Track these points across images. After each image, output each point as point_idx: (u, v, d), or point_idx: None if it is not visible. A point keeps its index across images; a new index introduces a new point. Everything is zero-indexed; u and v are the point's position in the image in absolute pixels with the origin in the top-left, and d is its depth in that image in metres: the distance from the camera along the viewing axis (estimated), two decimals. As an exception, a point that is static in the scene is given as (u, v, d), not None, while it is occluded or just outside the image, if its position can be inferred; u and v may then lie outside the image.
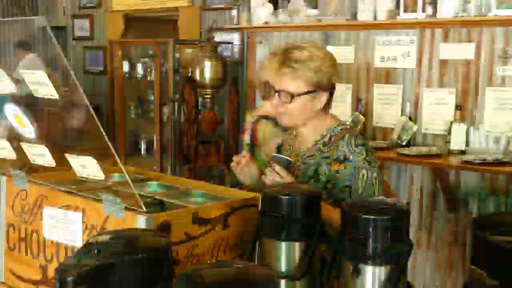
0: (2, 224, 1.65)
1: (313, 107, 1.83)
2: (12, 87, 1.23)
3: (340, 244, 1.28)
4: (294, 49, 1.80)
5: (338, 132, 1.87)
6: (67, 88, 1.83)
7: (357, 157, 1.79)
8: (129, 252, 0.94)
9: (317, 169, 1.84)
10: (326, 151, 1.85)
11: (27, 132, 1.33)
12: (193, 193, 1.67)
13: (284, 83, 1.79)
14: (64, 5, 8.56)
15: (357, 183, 1.78)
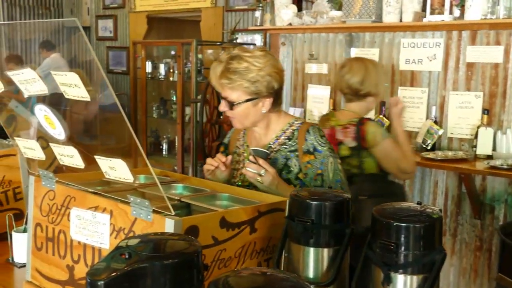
0: (30, 223, 1.66)
1: (257, 112, 1.94)
2: (44, 89, 1.23)
3: (371, 251, 1.25)
4: (233, 60, 1.87)
5: (299, 127, 1.99)
6: (90, 87, 1.84)
7: (324, 148, 1.96)
8: (160, 257, 0.93)
9: (286, 162, 1.96)
10: (292, 144, 1.97)
11: (57, 134, 1.33)
12: (219, 196, 1.66)
13: (225, 92, 1.91)
14: (88, 6, 8.65)
15: (327, 170, 1.94)
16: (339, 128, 2.61)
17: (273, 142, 2.00)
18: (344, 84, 2.64)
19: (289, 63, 4.58)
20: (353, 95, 2.64)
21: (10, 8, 8.51)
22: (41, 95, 1.26)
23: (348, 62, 2.71)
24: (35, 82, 1.23)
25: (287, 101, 4.62)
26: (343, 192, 1.43)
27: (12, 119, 1.93)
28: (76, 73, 1.08)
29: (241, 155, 2.10)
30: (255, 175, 1.82)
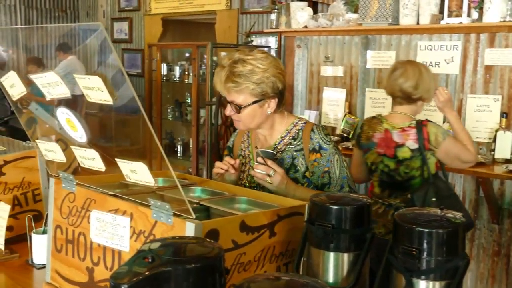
0: (50, 225, 1.67)
1: (263, 113, 1.96)
2: (66, 92, 1.24)
3: (392, 256, 1.24)
4: (237, 64, 1.89)
5: (303, 126, 2.02)
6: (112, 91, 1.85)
7: (329, 145, 1.99)
8: (183, 261, 0.93)
9: (293, 161, 1.99)
10: (298, 144, 2.00)
11: (78, 137, 1.34)
12: (238, 200, 1.66)
13: (231, 96, 1.92)
14: (104, 8, 8.72)
15: (334, 167, 1.98)
16: (397, 131, 2.63)
17: (279, 142, 2.03)
18: (397, 87, 2.64)
19: (304, 65, 4.57)
20: (405, 99, 2.66)
21: (27, 11, 8.61)
22: (64, 98, 1.27)
23: (401, 65, 2.69)
24: (57, 85, 1.24)
25: (302, 104, 4.61)
26: (364, 197, 1.42)
27: (31, 122, 1.94)
28: (99, 77, 1.08)
29: (247, 157, 2.12)
30: (264, 176, 1.85)
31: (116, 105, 1.27)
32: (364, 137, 2.76)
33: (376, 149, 2.68)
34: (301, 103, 4.61)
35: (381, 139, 2.66)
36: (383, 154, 2.66)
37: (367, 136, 2.74)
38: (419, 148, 2.57)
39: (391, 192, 2.68)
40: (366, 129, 2.76)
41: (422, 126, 2.58)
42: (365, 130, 2.76)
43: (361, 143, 2.78)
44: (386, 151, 2.65)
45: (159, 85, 5.99)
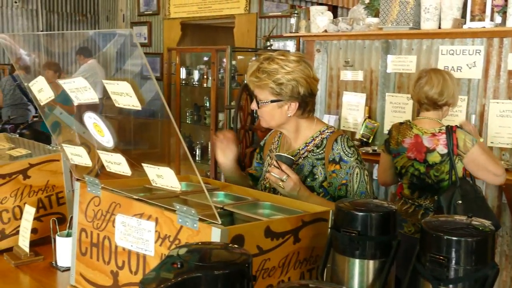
0: (75, 228, 1.68)
1: (282, 114, 1.95)
2: (94, 97, 1.25)
3: (419, 264, 1.23)
4: (266, 61, 1.91)
5: (329, 135, 1.99)
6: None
7: (350, 158, 1.94)
8: (212, 267, 0.93)
9: (312, 169, 1.97)
10: (320, 152, 1.98)
11: (105, 141, 1.35)
12: (261, 205, 1.66)
13: (255, 90, 1.96)
14: (123, 13, 8.80)
15: (352, 181, 1.93)
16: (427, 136, 2.71)
17: (302, 148, 2.02)
18: (423, 95, 2.73)
19: (324, 70, 4.56)
20: (431, 105, 2.74)
21: (49, 15, 8.73)
22: (92, 104, 1.28)
23: (426, 73, 2.78)
24: (85, 90, 1.25)
25: (322, 108, 4.60)
26: (389, 204, 1.41)
27: (56, 126, 1.96)
28: (128, 82, 1.09)
29: (273, 158, 2.10)
30: (277, 180, 1.84)
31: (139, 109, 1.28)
32: (393, 142, 2.84)
33: (407, 153, 2.77)
34: (321, 107, 4.60)
35: (412, 144, 2.75)
36: (414, 158, 2.74)
37: (397, 141, 2.81)
38: (448, 153, 2.65)
39: (421, 194, 2.77)
40: (395, 134, 2.84)
41: (452, 132, 2.65)
42: (394, 135, 2.84)
43: (391, 148, 2.85)
44: (416, 155, 2.73)
45: (178, 89, 6.02)
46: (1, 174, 1.99)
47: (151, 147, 6.45)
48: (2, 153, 2.24)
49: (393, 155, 2.84)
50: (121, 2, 8.84)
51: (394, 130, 2.87)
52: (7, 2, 8.31)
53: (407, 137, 2.76)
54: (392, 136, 2.85)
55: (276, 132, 2.18)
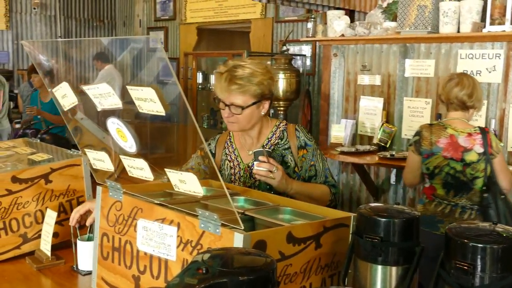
0: (97, 233, 1.69)
1: (258, 114, 2.12)
2: (118, 102, 1.26)
3: (444, 271, 1.22)
4: (237, 68, 2.04)
5: (285, 127, 2.20)
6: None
7: (312, 142, 2.20)
8: (238, 273, 0.93)
9: (283, 159, 2.17)
10: (285, 143, 2.18)
11: (128, 147, 1.36)
12: (282, 210, 1.65)
13: (233, 98, 2.04)
14: (140, 18, 8.88)
15: (318, 161, 2.19)
16: (464, 136, 2.82)
17: (266, 143, 2.19)
18: (453, 95, 2.86)
19: (341, 74, 4.55)
20: (460, 106, 2.86)
21: (67, 21, 8.84)
22: (115, 109, 1.29)
23: (457, 76, 2.93)
24: (109, 96, 1.26)
25: (339, 112, 4.58)
26: (412, 209, 1.40)
27: (77, 131, 1.98)
28: (152, 88, 1.10)
29: (234, 160, 2.23)
30: (267, 173, 1.97)
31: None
32: (426, 143, 2.90)
33: (442, 153, 2.85)
34: (337, 112, 4.59)
35: (448, 144, 2.84)
36: (450, 157, 2.83)
37: (430, 142, 2.89)
38: (484, 152, 2.78)
39: (456, 192, 2.86)
40: (427, 135, 2.91)
41: (485, 132, 2.80)
42: (427, 136, 2.91)
43: (422, 149, 2.91)
44: (453, 155, 2.82)
45: (194, 94, 6.05)
46: (24, 179, 2.01)
47: (168, 151, 6.48)
48: (24, 158, 2.26)
49: (424, 156, 2.90)
50: (138, 7, 8.92)
51: (425, 131, 2.93)
52: (26, 8, 8.43)
53: (441, 137, 2.85)
54: (424, 137, 2.91)
55: (224, 138, 2.29)
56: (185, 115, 6.33)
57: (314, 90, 5.97)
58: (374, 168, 4.38)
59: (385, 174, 4.34)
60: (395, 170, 4.23)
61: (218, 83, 2.06)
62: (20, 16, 8.39)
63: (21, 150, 2.38)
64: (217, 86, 2.08)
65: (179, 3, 8.07)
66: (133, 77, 8.91)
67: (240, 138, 2.25)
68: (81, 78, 8.08)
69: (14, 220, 2.00)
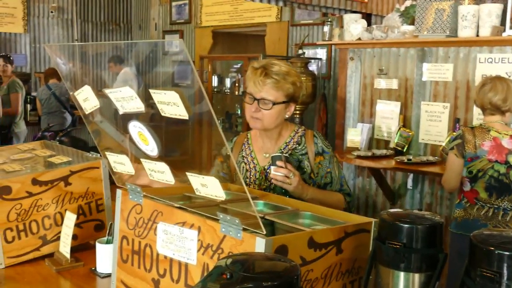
0: (116, 235, 1.70)
1: (283, 116, 2.13)
2: (140, 106, 1.27)
3: (469, 278, 1.20)
4: (273, 65, 2.07)
5: (303, 133, 2.20)
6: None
7: (329, 149, 2.21)
8: (262, 278, 0.93)
9: (299, 164, 2.15)
10: (302, 149, 2.17)
11: (149, 150, 1.36)
12: (301, 215, 1.64)
13: (266, 92, 2.05)
14: (156, 21, 8.93)
15: (334, 168, 2.19)
16: (507, 138, 2.88)
17: (284, 147, 2.19)
18: (487, 101, 2.91)
19: (357, 78, 4.52)
20: (495, 110, 2.92)
21: (83, 24, 8.92)
22: (138, 113, 1.29)
23: (490, 81, 2.96)
24: (132, 100, 1.26)
25: (355, 116, 4.56)
26: (436, 215, 1.38)
27: (97, 134, 1.99)
28: (176, 92, 1.10)
29: (250, 162, 2.23)
30: (284, 178, 1.97)
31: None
32: (470, 146, 2.92)
33: (487, 156, 2.88)
34: (354, 115, 4.56)
35: (492, 147, 2.88)
36: (495, 160, 2.87)
37: (475, 145, 2.91)
38: None
39: (499, 195, 2.91)
40: (471, 138, 2.93)
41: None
42: (470, 139, 2.93)
43: (467, 152, 2.92)
44: (497, 157, 2.87)
45: (209, 97, 6.06)
46: (44, 181, 2.03)
47: (182, 154, 6.50)
48: (44, 161, 2.28)
49: (468, 159, 2.92)
50: (154, 11, 8.97)
51: (467, 134, 2.94)
52: (43, 12, 8.52)
53: (486, 140, 2.89)
54: (468, 140, 2.92)
55: (241, 140, 2.28)
56: (201, 117, 6.34)
57: (329, 94, 5.95)
58: (390, 173, 4.34)
59: (402, 178, 4.30)
60: (412, 175, 4.19)
61: (253, 76, 2.06)
62: (38, 20, 8.48)
63: (40, 152, 2.39)
64: (249, 79, 2.08)
65: (194, 7, 8.11)
66: (149, 80, 8.96)
67: (258, 140, 2.24)
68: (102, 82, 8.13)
69: (34, 222, 2.02)
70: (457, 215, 3.01)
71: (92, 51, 7.83)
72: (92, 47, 4.65)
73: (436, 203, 4.11)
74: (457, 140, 2.95)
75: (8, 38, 8.22)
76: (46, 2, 8.49)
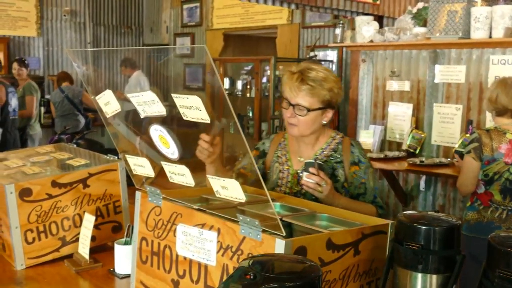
0: (135, 237, 1.73)
1: (320, 122, 2.07)
2: (162, 110, 1.29)
3: (487, 280, 1.21)
4: (311, 70, 2.02)
5: (341, 140, 2.14)
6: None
7: (365, 159, 2.13)
8: (285, 279, 0.95)
9: (333, 172, 2.10)
10: (338, 156, 2.12)
11: (170, 153, 1.39)
12: (318, 217, 1.66)
13: (301, 98, 2.01)
14: (167, 24, 8.98)
15: (369, 179, 2.11)
16: None
17: (319, 153, 2.13)
18: (498, 102, 2.95)
19: (369, 80, 4.53)
20: (505, 111, 2.94)
21: (95, 28, 8.99)
22: (159, 116, 1.32)
23: (499, 82, 3.01)
24: (153, 104, 1.29)
25: (367, 118, 4.56)
26: (453, 217, 1.39)
27: (115, 136, 2.02)
28: (198, 96, 1.12)
29: (284, 164, 2.18)
30: (316, 186, 1.92)
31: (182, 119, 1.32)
32: (487, 149, 2.92)
33: (504, 159, 2.89)
34: (366, 117, 4.57)
35: (509, 149, 2.89)
36: (511, 163, 2.89)
37: (492, 148, 2.92)
38: None
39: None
40: (487, 141, 2.93)
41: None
42: (487, 142, 2.93)
43: (484, 155, 2.93)
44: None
45: (221, 99, 6.09)
46: (63, 183, 2.06)
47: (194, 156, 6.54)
48: (62, 163, 2.32)
49: (485, 162, 2.92)
50: (165, 14, 9.03)
51: (484, 137, 2.95)
52: (56, 16, 8.60)
53: (502, 143, 2.90)
54: (485, 143, 2.93)
55: (278, 139, 2.24)
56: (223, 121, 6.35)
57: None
58: (403, 175, 4.34)
59: (414, 180, 4.30)
60: (424, 177, 4.19)
61: (289, 81, 2.03)
62: (51, 23, 8.57)
63: (58, 155, 2.43)
64: (286, 84, 2.05)
65: (206, 9, 8.15)
66: (161, 83, 9.01)
67: (294, 143, 2.19)
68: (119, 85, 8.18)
69: (53, 224, 2.05)
70: (470, 218, 3.00)
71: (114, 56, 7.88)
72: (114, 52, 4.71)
73: (449, 205, 4.10)
74: (474, 143, 2.94)
75: (22, 42, 8.31)
76: (59, 5, 8.58)
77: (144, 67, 8.95)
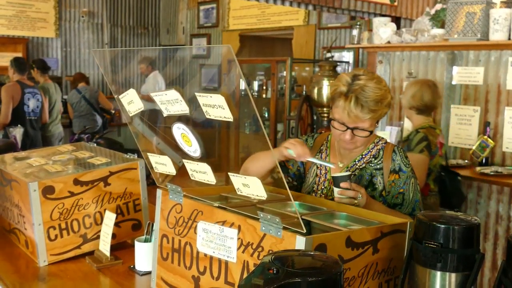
0: (156, 234, 1.76)
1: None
2: (185, 109, 1.32)
3: (506, 279, 1.22)
4: (364, 89, 1.84)
5: (383, 146, 2.02)
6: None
7: (408, 168, 1.99)
8: (308, 274, 0.96)
9: (371, 179, 1.99)
10: (378, 163, 2.00)
11: (192, 151, 1.41)
12: (337, 215, 1.68)
13: (362, 123, 1.89)
14: (184, 25, 9.05)
15: (409, 190, 1.97)
16: None
17: (359, 159, 2.03)
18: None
19: (386, 81, 4.52)
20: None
21: (113, 29, 9.09)
22: (182, 115, 1.35)
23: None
24: (177, 102, 1.32)
25: (384, 119, 4.55)
26: (472, 217, 1.40)
27: (136, 135, 2.06)
28: (222, 95, 1.14)
29: (322, 168, 2.08)
30: (351, 200, 1.81)
31: (197, 119, 1.34)
32: (433, 145, 3.10)
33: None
34: (382, 118, 4.56)
35: (440, 143, 3.08)
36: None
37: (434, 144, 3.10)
38: None
39: None
40: (432, 138, 3.11)
41: None
42: (431, 139, 3.11)
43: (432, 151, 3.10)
44: None
45: (237, 100, 6.12)
46: (85, 181, 2.10)
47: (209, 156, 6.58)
48: (84, 162, 2.36)
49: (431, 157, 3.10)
50: (181, 15, 9.09)
51: (429, 135, 3.10)
52: (74, 17, 8.71)
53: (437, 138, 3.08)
54: (432, 141, 3.09)
55: (321, 140, 2.14)
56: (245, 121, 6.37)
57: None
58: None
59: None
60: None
61: (344, 104, 1.86)
62: (69, 24, 8.68)
63: (80, 154, 2.47)
64: (339, 107, 1.89)
65: (222, 11, 8.20)
66: (177, 83, 9.07)
67: (335, 146, 2.09)
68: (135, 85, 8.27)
69: (75, 221, 2.09)
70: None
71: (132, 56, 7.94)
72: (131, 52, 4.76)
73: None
74: (424, 142, 3.09)
75: (41, 43, 8.43)
76: (77, 7, 8.69)
77: (160, 68, 9.02)
